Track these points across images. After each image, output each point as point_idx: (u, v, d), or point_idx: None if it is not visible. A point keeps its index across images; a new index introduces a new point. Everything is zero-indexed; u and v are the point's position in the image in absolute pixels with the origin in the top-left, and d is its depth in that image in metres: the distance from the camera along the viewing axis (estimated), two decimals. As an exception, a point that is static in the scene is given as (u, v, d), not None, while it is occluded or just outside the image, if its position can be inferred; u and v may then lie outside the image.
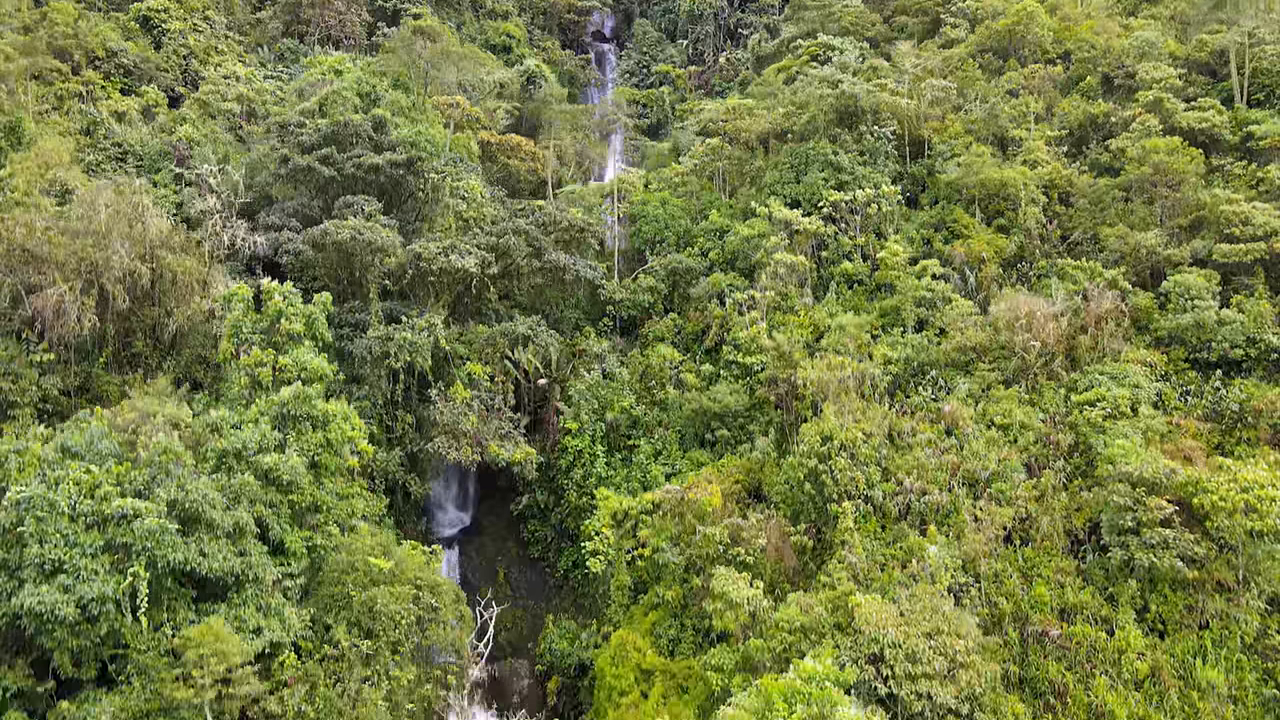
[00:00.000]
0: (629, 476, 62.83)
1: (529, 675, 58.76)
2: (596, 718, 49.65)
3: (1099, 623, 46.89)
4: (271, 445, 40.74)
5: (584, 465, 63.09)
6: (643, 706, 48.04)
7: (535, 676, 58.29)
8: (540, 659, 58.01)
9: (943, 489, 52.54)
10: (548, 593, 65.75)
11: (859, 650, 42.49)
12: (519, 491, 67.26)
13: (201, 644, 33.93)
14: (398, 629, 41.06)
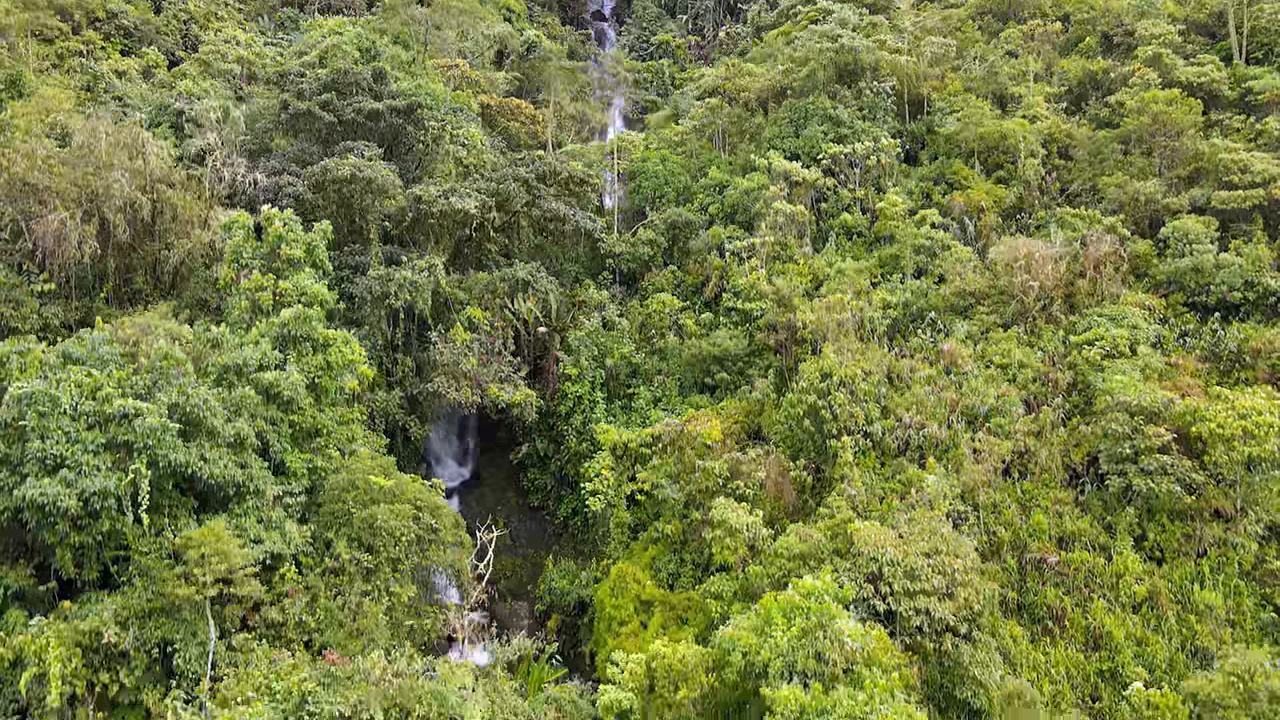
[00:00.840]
0: (629, 422, 62.83)
1: (529, 616, 58.83)
2: (596, 648, 49.72)
3: (1097, 550, 47.07)
4: (272, 364, 40.83)
5: (583, 411, 63.14)
6: (642, 636, 48.10)
7: (535, 617, 58.38)
8: (539, 600, 58.10)
9: (941, 424, 52.65)
10: (547, 540, 65.77)
11: (858, 571, 42.60)
12: (518, 443, 67.36)
13: (203, 544, 34.02)
14: (398, 546, 41.14)
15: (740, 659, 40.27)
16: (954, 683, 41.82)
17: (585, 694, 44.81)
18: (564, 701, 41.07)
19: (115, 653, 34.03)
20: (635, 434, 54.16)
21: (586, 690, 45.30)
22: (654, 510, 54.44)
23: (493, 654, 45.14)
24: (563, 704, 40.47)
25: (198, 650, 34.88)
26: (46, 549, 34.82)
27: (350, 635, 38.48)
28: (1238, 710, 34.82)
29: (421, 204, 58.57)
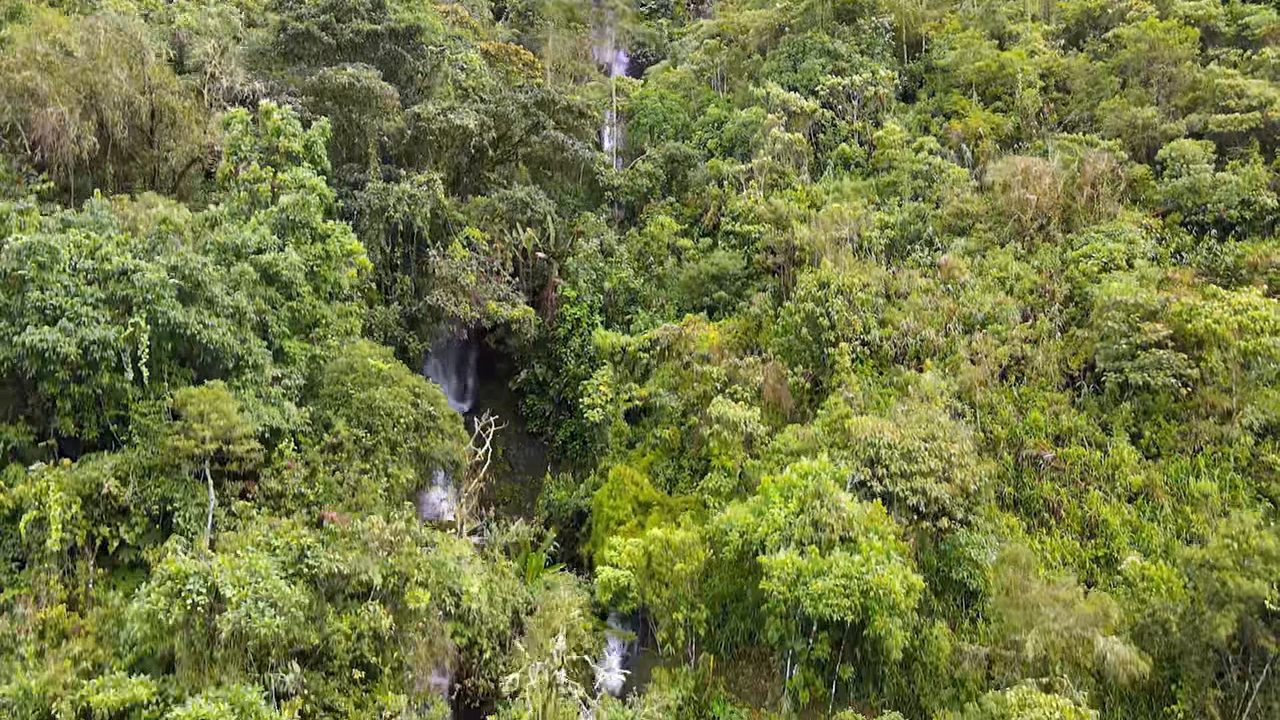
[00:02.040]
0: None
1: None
2: (594, 549, 49.80)
3: (1093, 446, 47.23)
4: (271, 248, 40.88)
5: (582, 334, 63.22)
6: (640, 535, 48.22)
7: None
8: (538, 515, 58.16)
9: (939, 331, 52.84)
10: (545, 465, 65.88)
11: (855, 457, 42.76)
12: (517, 372, 67.45)
13: (202, 401, 34.12)
14: (396, 427, 41.27)
15: (738, 538, 40.54)
16: (950, 565, 42.02)
17: (583, 585, 44.98)
18: (560, 586, 41.15)
19: (116, 507, 34.16)
20: (634, 338, 54.18)
21: (584, 582, 45.45)
22: (652, 420, 54.53)
23: (491, 539, 45.22)
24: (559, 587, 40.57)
25: (197, 510, 35.01)
26: (46, 407, 34.90)
27: (349, 509, 38.59)
28: (1232, 570, 34.98)
29: (420, 121, 58.61)
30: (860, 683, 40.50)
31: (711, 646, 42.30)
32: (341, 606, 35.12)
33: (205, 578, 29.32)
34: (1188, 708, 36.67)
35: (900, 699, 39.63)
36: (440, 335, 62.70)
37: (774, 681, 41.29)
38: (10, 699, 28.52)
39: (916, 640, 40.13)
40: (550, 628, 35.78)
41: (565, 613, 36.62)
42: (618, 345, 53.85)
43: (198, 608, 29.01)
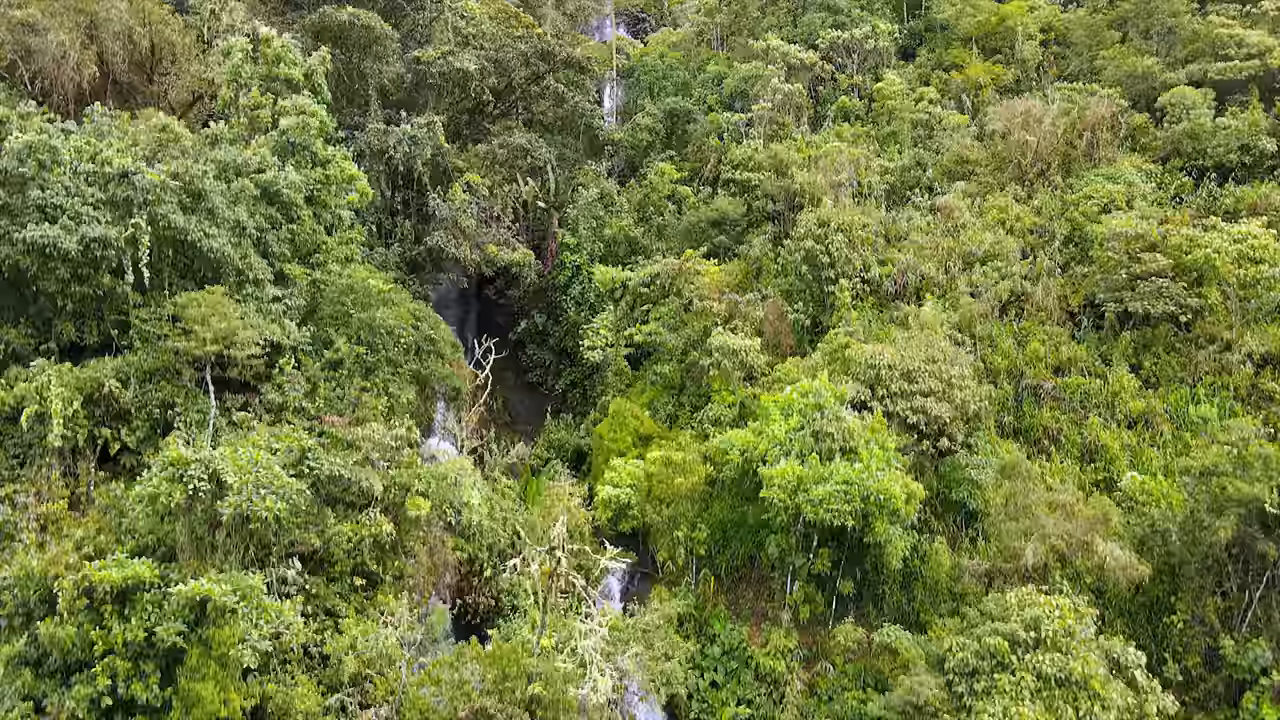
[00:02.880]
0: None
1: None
2: (594, 482, 49.77)
3: (1092, 376, 47.25)
4: (271, 168, 40.87)
5: (582, 281, 63.23)
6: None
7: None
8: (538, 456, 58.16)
9: (939, 267, 52.87)
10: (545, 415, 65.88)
11: (855, 379, 42.78)
12: (518, 324, 67.49)
13: (203, 303, 34.14)
14: (397, 347, 41.28)
15: (738, 456, 40.58)
16: (950, 487, 42.08)
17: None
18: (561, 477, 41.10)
19: (117, 409, 34.16)
20: (633, 273, 54.19)
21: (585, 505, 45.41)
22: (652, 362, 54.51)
23: (492, 461, 45.20)
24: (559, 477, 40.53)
25: (198, 417, 35.02)
26: (46, 317, 34.88)
27: (350, 425, 38.56)
28: (1231, 476, 35.04)
29: (420, 65, 58.61)
30: (860, 601, 40.59)
31: (712, 569, 42.33)
32: (341, 515, 35.17)
33: (207, 465, 29.33)
34: (1187, 617, 36.70)
35: (900, 615, 39.66)
36: (441, 283, 62.78)
37: (774, 603, 41.29)
38: (12, 579, 28.56)
39: (916, 559, 40.29)
40: (551, 515, 35.76)
41: (566, 501, 36.61)
42: (618, 280, 53.85)
43: (199, 493, 29.03)
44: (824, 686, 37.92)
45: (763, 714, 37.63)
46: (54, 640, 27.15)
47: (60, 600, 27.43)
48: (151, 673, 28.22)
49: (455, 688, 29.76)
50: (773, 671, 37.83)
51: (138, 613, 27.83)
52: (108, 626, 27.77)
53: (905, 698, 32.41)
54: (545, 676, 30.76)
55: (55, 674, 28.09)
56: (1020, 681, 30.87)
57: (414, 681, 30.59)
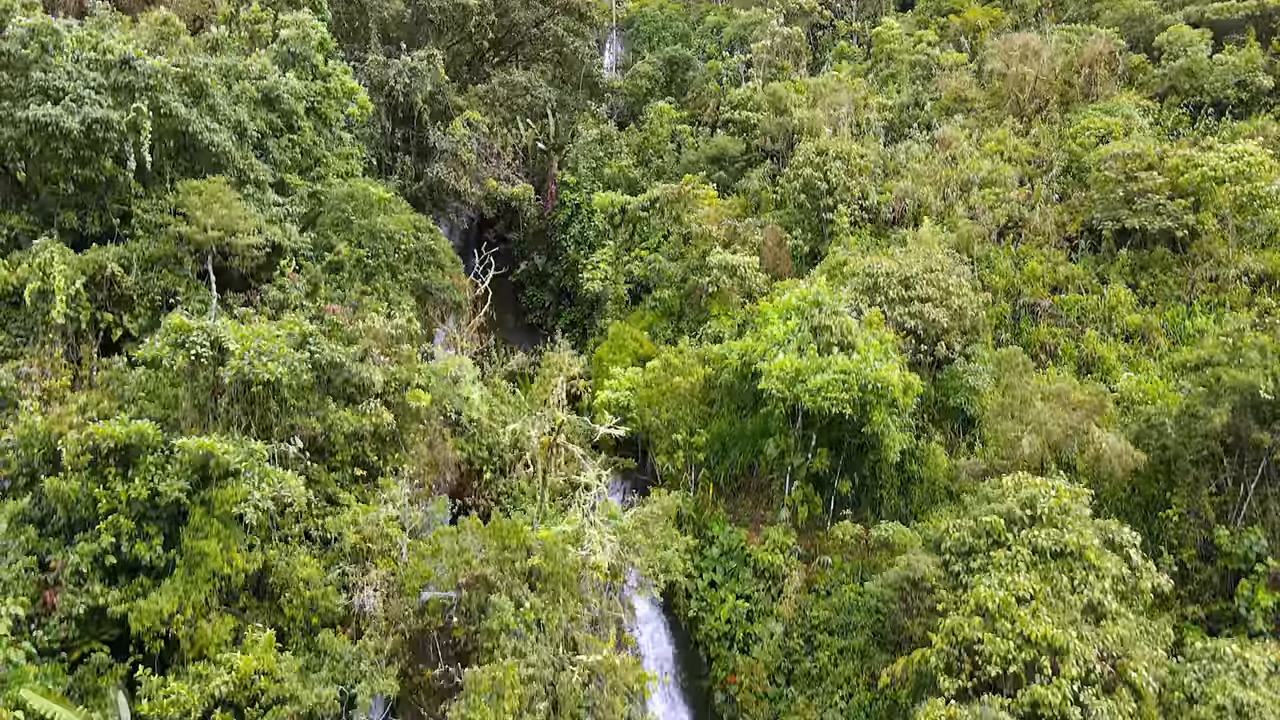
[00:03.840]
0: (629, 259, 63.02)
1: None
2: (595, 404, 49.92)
3: (1089, 293, 47.49)
4: (272, 74, 41.05)
5: (581, 220, 63.38)
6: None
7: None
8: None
9: (938, 193, 53.09)
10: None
11: (854, 288, 43.03)
12: (516, 266, 67.70)
13: (204, 190, 34.34)
14: (398, 253, 41.47)
15: (737, 359, 40.79)
16: (948, 394, 42.30)
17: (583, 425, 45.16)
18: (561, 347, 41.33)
19: (119, 294, 34.37)
20: (633, 198, 54.38)
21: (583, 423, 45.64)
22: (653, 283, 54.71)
23: (492, 369, 45.39)
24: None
25: (199, 307, 35.22)
26: (49, 209, 35.04)
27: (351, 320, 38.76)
28: (1226, 365, 35.25)
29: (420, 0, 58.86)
30: (858, 506, 40.77)
31: (711, 477, 42.52)
32: (342, 406, 35.34)
33: (209, 332, 29.53)
34: (1182, 510, 36.91)
35: (897, 516, 39.80)
36: (441, 223, 62.93)
37: (772, 510, 41.48)
38: (16, 439, 28.76)
39: (914, 463, 40.54)
40: (550, 385, 35.96)
41: (566, 370, 36.79)
42: (617, 205, 53.99)
43: (201, 359, 29.22)
44: (822, 582, 38.13)
45: (761, 608, 37.84)
46: (58, 495, 27.35)
47: (64, 455, 27.63)
48: (155, 534, 28.42)
49: (455, 556, 29.99)
50: (771, 566, 38.05)
51: (141, 473, 28.03)
52: (111, 487, 27.99)
53: (902, 573, 32.63)
54: (545, 549, 31.03)
55: (59, 533, 28.31)
56: (1016, 555, 31.07)
57: (415, 552, 30.82)
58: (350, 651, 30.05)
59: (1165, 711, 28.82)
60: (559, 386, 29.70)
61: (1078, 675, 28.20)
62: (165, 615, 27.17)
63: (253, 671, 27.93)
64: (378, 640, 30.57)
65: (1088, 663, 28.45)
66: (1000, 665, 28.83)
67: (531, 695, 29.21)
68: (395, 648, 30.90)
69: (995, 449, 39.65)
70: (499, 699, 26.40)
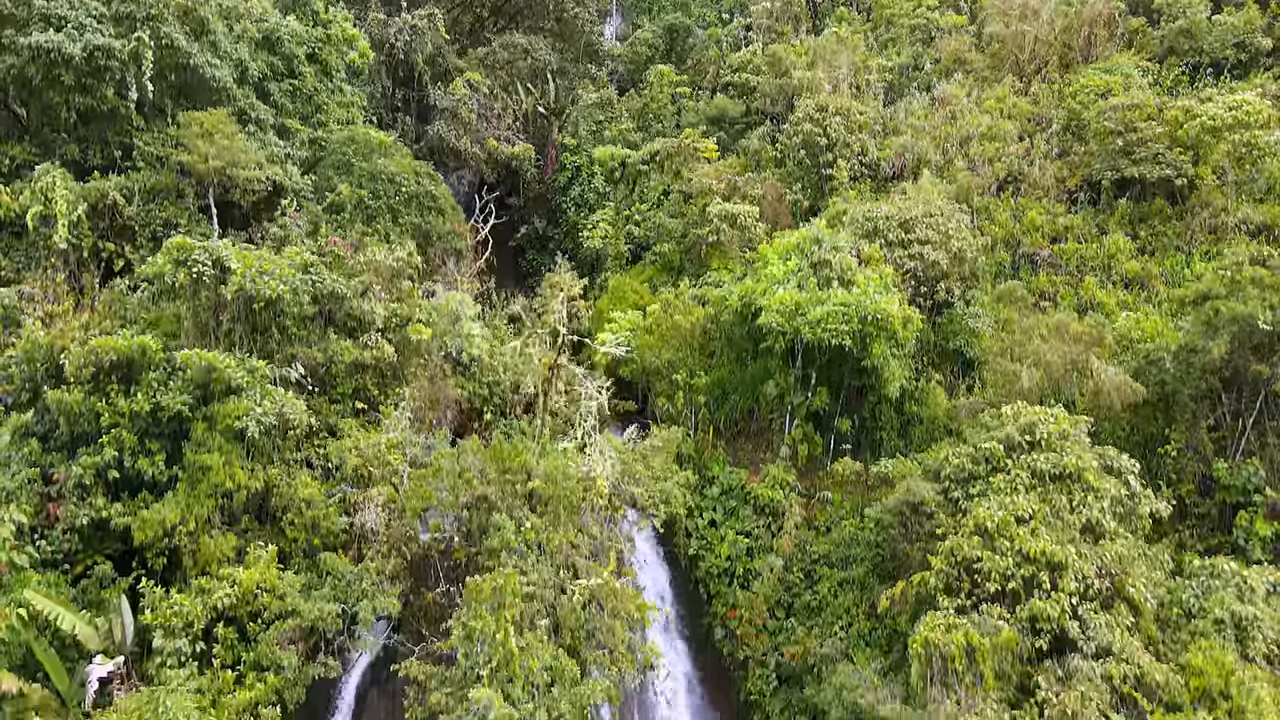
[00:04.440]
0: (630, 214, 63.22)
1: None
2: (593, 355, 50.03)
3: (1088, 242, 47.60)
4: (272, 16, 41.16)
5: (581, 183, 63.52)
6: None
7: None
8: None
9: (938, 149, 53.20)
10: (545, 319, 66.24)
11: (853, 233, 43.12)
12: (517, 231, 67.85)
13: (205, 122, 34.44)
14: (399, 195, 41.58)
15: (737, 300, 40.90)
16: (947, 338, 42.43)
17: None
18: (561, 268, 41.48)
19: (121, 224, 34.48)
20: (635, 152, 54.47)
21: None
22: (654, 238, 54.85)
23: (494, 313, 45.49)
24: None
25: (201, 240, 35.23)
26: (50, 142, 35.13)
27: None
28: (1225, 299, 35.34)
29: (421, -41, 58.97)
30: (858, 449, 40.88)
31: (711, 421, 42.65)
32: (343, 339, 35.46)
33: (211, 251, 29.65)
34: (1181, 446, 36.98)
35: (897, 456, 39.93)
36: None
37: (772, 452, 41.62)
38: (20, 354, 28.84)
39: (913, 404, 40.67)
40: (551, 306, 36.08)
41: (567, 290, 36.90)
42: (617, 158, 54.09)
43: (203, 277, 29.34)
44: (822, 519, 38.27)
45: (761, 545, 37.97)
46: (61, 406, 27.45)
47: (67, 367, 27.73)
48: (157, 451, 28.54)
49: (456, 476, 30.10)
50: (771, 503, 38.17)
51: (143, 389, 28.13)
52: (113, 402, 28.09)
53: (902, 498, 32.75)
54: (547, 472, 31.15)
55: (62, 448, 28.42)
56: (1015, 479, 31.19)
57: (415, 474, 30.94)
58: (352, 572, 30.21)
59: (1163, 627, 28.92)
60: (560, 306, 29.79)
61: (1076, 590, 28.31)
62: (168, 526, 27.29)
63: (255, 586, 28.08)
64: (379, 562, 30.71)
65: (1086, 578, 28.55)
66: (999, 582, 28.94)
67: (533, 613, 29.37)
68: (396, 570, 31.05)
69: (995, 389, 39.76)
70: (500, 608, 26.49)
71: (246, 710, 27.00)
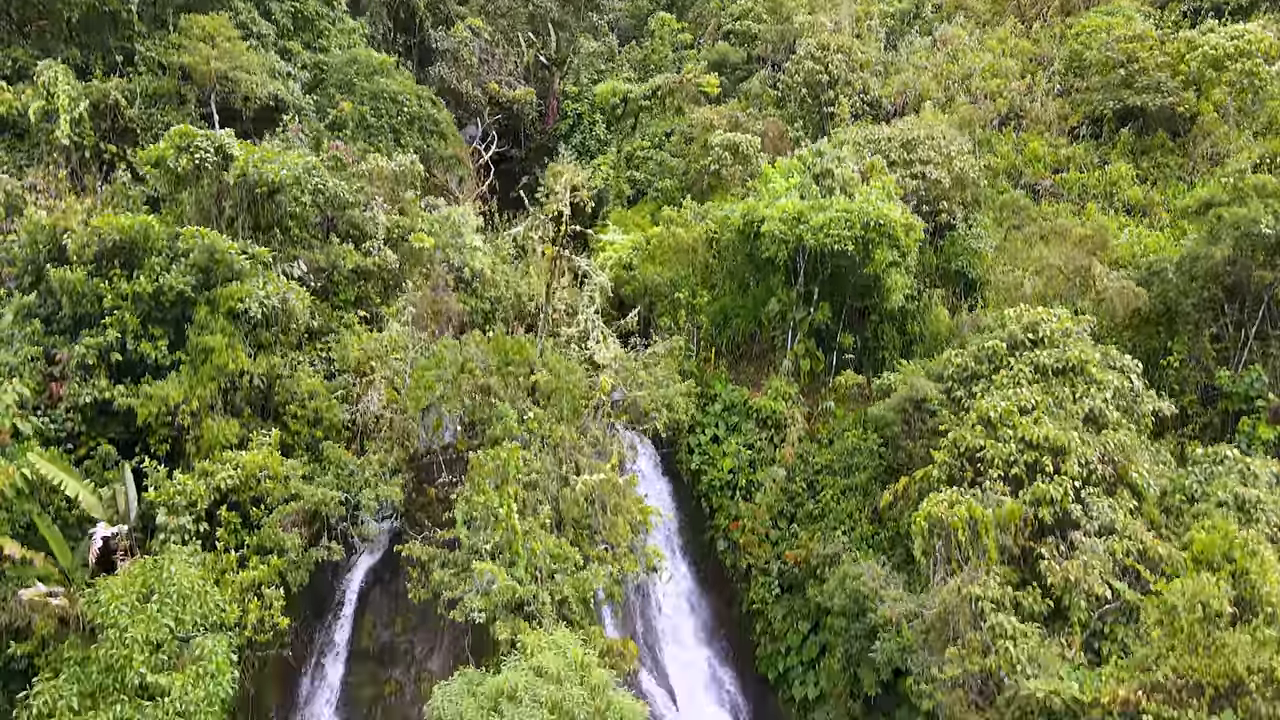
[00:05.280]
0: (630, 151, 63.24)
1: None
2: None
3: (1090, 171, 47.60)
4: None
5: (583, 130, 63.46)
6: (642, 268, 48.44)
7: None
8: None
9: (939, 86, 53.18)
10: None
11: (853, 152, 43.06)
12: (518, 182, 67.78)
13: (207, 25, 34.40)
14: (400, 115, 41.54)
15: (739, 218, 40.85)
16: (949, 259, 42.41)
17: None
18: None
19: (123, 126, 34.45)
20: (637, 87, 54.40)
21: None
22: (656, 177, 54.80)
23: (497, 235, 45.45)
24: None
25: (204, 144, 35.24)
26: (49, 45, 35.09)
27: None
28: (1228, 205, 35.31)
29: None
30: (860, 367, 40.85)
31: (713, 343, 42.62)
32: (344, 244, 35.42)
33: (213, 139, 29.62)
34: (1184, 356, 36.94)
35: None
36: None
37: (775, 371, 41.56)
38: (23, 235, 28.77)
39: (915, 324, 40.65)
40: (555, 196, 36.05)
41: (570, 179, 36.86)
42: (619, 94, 54.02)
43: (206, 163, 29.32)
44: (824, 432, 38.23)
45: (764, 457, 37.92)
46: (64, 285, 27.39)
47: (70, 246, 27.70)
48: (160, 336, 28.50)
49: (459, 368, 30.07)
50: (774, 414, 38.12)
51: (146, 272, 28.10)
52: (116, 285, 28.06)
53: (905, 395, 32.73)
54: (550, 366, 31.13)
55: (65, 331, 28.36)
56: (1017, 374, 31.18)
57: (418, 366, 30.92)
58: (355, 464, 30.20)
59: (1166, 512, 28.89)
60: (563, 192, 29.73)
61: (1079, 474, 28.28)
62: (171, 404, 27.24)
63: (258, 470, 28.03)
64: (381, 455, 30.69)
65: (1089, 463, 28.52)
66: (1002, 469, 28.91)
67: (535, 502, 29.36)
68: (399, 463, 31.03)
69: (997, 305, 39.72)
70: (503, 484, 26.47)
71: (250, 589, 26.99)
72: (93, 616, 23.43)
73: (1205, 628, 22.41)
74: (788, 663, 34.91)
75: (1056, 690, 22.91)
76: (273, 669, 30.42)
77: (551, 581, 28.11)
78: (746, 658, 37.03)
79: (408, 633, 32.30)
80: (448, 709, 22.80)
